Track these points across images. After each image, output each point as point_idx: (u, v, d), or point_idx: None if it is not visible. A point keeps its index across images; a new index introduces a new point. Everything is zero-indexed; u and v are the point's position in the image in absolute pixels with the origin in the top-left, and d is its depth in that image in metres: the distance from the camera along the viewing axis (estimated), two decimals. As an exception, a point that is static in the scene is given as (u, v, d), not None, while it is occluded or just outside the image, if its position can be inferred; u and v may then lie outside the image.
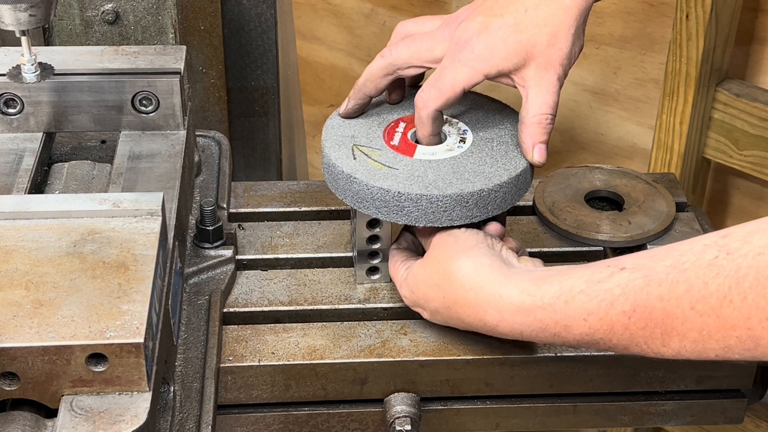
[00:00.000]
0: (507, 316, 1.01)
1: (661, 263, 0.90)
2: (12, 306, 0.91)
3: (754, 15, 1.57)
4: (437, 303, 1.09)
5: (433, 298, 1.09)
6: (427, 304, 1.10)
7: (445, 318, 1.10)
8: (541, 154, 1.13)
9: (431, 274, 1.09)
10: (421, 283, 1.11)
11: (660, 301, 0.89)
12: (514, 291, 1.01)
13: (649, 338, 0.91)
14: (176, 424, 1.02)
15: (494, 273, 1.04)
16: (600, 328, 0.94)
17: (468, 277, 1.05)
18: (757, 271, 0.82)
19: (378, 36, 2.03)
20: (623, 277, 0.92)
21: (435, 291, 1.09)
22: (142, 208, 1.01)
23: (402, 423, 1.15)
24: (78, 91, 1.20)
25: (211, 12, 1.60)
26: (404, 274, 1.14)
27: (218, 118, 1.69)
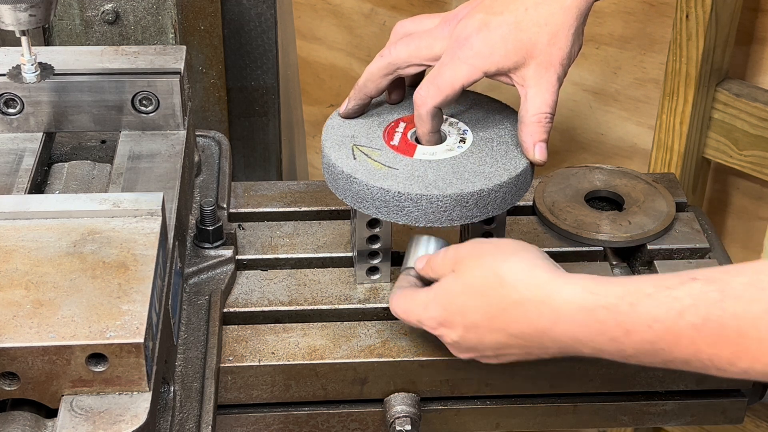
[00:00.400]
0: (565, 317, 0.95)
1: (736, 279, 0.86)
2: (12, 306, 0.91)
3: (754, 15, 1.57)
4: (478, 315, 1.00)
5: (473, 310, 1.01)
6: (464, 318, 1.01)
7: (482, 334, 1.01)
8: (542, 152, 1.13)
9: (473, 284, 1.01)
10: (459, 296, 1.02)
11: (734, 319, 0.84)
12: (576, 289, 0.95)
13: (715, 356, 0.87)
14: (176, 424, 1.02)
15: (550, 272, 0.99)
16: (664, 338, 0.89)
17: (521, 278, 0.99)
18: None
19: (378, 36, 2.03)
20: (695, 288, 0.87)
21: (477, 300, 1.00)
22: (142, 208, 1.01)
23: (402, 423, 1.15)
24: (78, 91, 1.20)
25: (211, 12, 1.60)
26: (430, 295, 1.05)
27: (218, 118, 1.69)
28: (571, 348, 0.96)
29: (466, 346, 1.03)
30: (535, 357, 1.00)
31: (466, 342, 1.03)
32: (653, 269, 1.26)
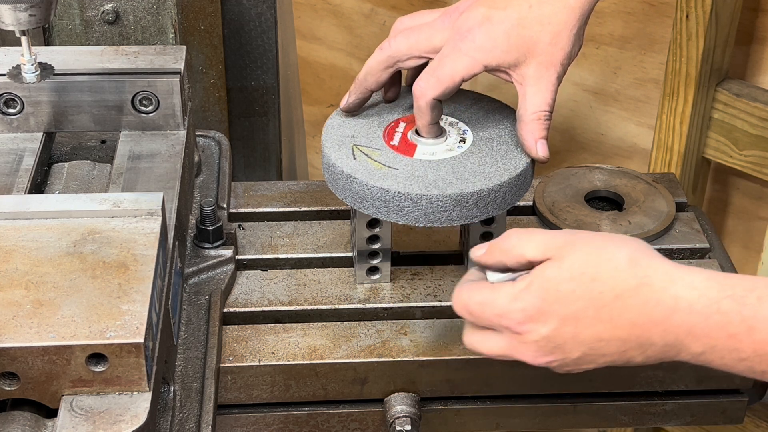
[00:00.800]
0: (684, 305, 0.88)
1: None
2: (12, 306, 0.91)
3: (754, 15, 1.57)
4: (582, 303, 0.91)
5: (578, 298, 0.91)
6: (564, 308, 0.92)
7: (580, 328, 0.92)
8: (545, 149, 1.13)
9: (584, 269, 0.92)
10: (563, 282, 0.92)
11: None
12: (699, 277, 0.88)
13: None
14: (176, 424, 1.02)
15: (668, 262, 0.91)
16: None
17: (645, 261, 0.91)
18: None
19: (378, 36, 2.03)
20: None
21: (587, 286, 0.91)
22: (142, 208, 1.01)
23: (402, 423, 1.15)
24: (78, 91, 1.20)
25: (211, 12, 1.60)
26: (521, 284, 0.94)
27: (218, 118, 1.69)
28: (678, 345, 0.89)
29: (553, 344, 0.93)
30: (624, 361, 0.93)
31: (556, 338, 0.93)
32: (653, 269, 1.25)
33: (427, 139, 1.16)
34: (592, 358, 0.93)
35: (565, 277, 0.92)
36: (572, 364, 0.95)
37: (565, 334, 0.92)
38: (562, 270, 0.92)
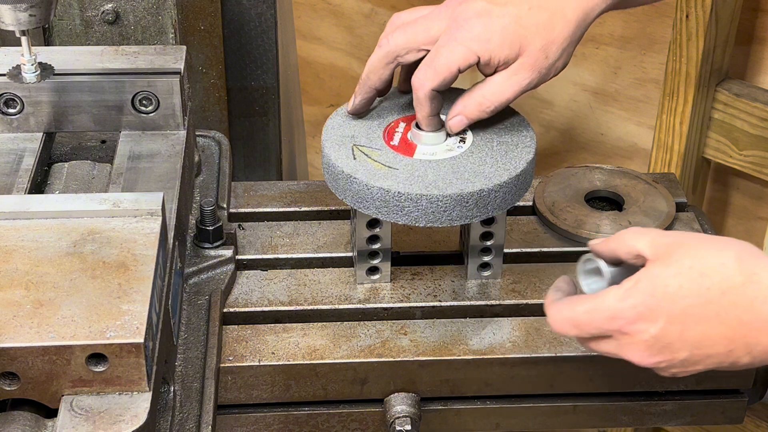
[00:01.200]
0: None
1: None
2: (12, 306, 0.91)
3: (754, 15, 1.57)
4: (690, 300, 0.91)
5: (687, 294, 0.91)
6: (672, 304, 0.92)
7: (687, 326, 0.92)
8: (457, 126, 1.14)
9: (691, 265, 0.91)
10: (671, 278, 0.91)
11: None
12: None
13: None
14: (176, 424, 1.02)
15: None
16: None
17: (752, 260, 0.90)
18: None
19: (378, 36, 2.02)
20: None
21: (695, 282, 0.91)
22: (142, 208, 1.01)
23: (402, 423, 1.15)
24: (78, 91, 1.20)
25: (211, 12, 1.60)
26: (628, 283, 0.93)
27: (218, 118, 1.69)
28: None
29: (662, 344, 0.93)
30: (731, 362, 0.92)
31: (664, 338, 0.93)
32: (653, 269, 1.25)
33: (427, 133, 1.15)
34: (698, 359, 0.93)
35: (673, 272, 0.91)
36: (679, 365, 0.95)
37: (672, 333, 0.92)
38: (669, 267, 0.92)
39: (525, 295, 1.22)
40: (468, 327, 1.19)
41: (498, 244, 1.21)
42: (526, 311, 1.21)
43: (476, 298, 1.21)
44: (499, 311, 1.21)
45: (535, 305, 1.21)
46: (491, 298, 1.21)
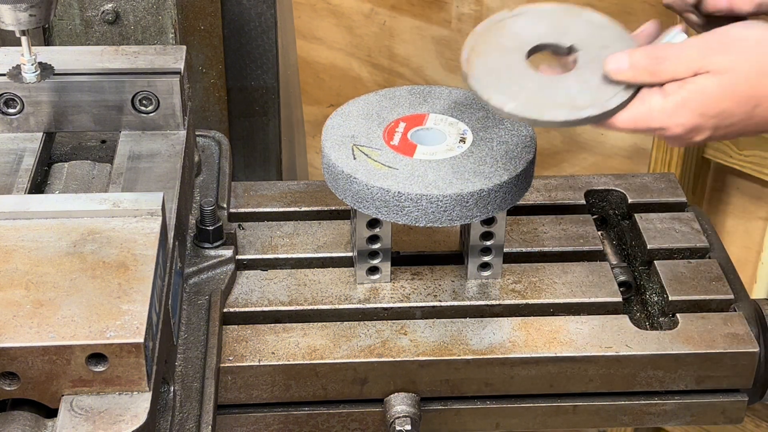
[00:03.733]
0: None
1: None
2: (12, 306, 0.91)
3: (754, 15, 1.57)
4: (737, 118, 0.96)
5: (736, 115, 0.96)
6: (722, 121, 0.97)
7: (734, 131, 0.98)
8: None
9: (748, 93, 0.95)
10: (724, 101, 0.96)
11: None
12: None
13: None
14: (176, 424, 1.02)
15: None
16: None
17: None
18: None
19: (378, 36, 2.03)
20: None
21: (747, 110, 0.96)
22: (142, 208, 1.01)
23: (402, 423, 1.15)
24: (78, 91, 1.20)
25: (211, 12, 1.60)
26: (676, 98, 0.97)
27: (218, 118, 1.69)
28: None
29: (699, 140, 1.00)
30: None
31: (704, 139, 0.99)
32: (653, 269, 1.26)
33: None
34: (738, 125, 0.98)
35: (727, 95, 0.96)
36: (720, 131, 0.99)
37: (717, 135, 0.98)
38: (724, 87, 0.96)
39: (525, 295, 1.22)
40: (468, 327, 1.19)
41: (498, 244, 1.21)
42: (526, 311, 1.21)
43: (476, 298, 1.21)
44: (499, 311, 1.21)
45: (535, 305, 1.21)
46: (491, 298, 1.21)
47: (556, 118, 1.01)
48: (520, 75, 1.05)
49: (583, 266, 1.26)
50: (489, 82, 1.04)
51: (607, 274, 1.25)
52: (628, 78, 1.00)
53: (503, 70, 1.05)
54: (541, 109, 1.01)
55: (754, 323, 1.20)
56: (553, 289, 1.22)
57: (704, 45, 0.97)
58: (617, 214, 1.36)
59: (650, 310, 1.24)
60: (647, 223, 1.31)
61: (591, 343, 1.17)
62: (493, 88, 1.03)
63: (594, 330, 1.18)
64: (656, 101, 0.98)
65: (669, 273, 1.24)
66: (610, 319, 1.20)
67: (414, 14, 2.02)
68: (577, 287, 1.23)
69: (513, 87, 1.03)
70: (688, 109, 0.97)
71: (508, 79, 1.04)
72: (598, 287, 1.23)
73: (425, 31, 2.03)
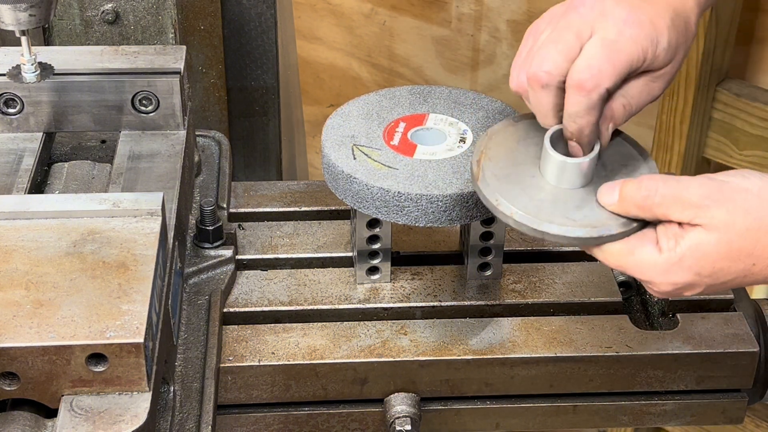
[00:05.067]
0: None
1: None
2: (12, 306, 0.91)
3: (754, 15, 1.57)
4: (732, 276, 0.93)
5: (732, 272, 0.92)
6: (715, 280, 0.93)
7: (725, 284, 0.94)
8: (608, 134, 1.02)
9: (740, 246, 0.91)
10: (719, 261, 0.92)
11: None
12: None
13: None
14: (176, 424, 1.02)
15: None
16: None
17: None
18: None
19: (378, 36, 2.03)
20: None
21: (742, 263, 0.92)
22: (142, 208, 1.01)
23: (402, 423, 1.15)
24: (78, 91, 1.20)
25: (211, 12, 1.60)
26: (672, 257, 0.93)
27: (218, 118, 1.69)
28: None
29: (690, 294, 0.96)
30: None
31: (695, 293, 0.96)
32: (653, 269, 1.25)
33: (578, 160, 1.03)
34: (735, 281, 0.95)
35: (723, 254, 0.91)
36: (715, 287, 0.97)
37: (704, 292, 0.95)
38: (720, 246, 0.92)
39: (525, 295, 1.22)
40: (468, 327, 1.19)
41: (498, 244, 1.21)
42: (526, 311, 1.21)
43: (476, 298, 1.21)
44: (499, 311, 1.21)
45: (535, 305, 1.21)
46: (491, 298, 1.21)
47: (550, 230, 0.99)
48: (529, 185, 1.03)
49: (583, 266, 1.26)
50: (497, 186, 1.03)
51: (607, 274, 1.25)
52: (618, 210, 0.97)
53: (513, 176, 1.04)
54: (540, 221, 1.00)
55: (754, 323, 1.20)
56: (553, 289, 1.22)
57: (703, 193, 0.93)
58: (617, 214, 1.36)
59: (650, 310, 1.24)
60: (647, 223, 1.31)
61: (591, 343, 1.17)
62: (500, 193, 1.02)
63: (594, 330, 1.18)
64: (648, 254, 0.95)
65: (669, 273, 1.24)
66: (610, 319, 1.20)
67: (414, 14, 2.02)
68: (577, 287, 1.23)
69: (521, 196, 1.02)
70: (683, 267, 0.93)
71: (517, 185, 1.03)
72: (598, 287, 1.23)
73: (425, 31, 2.03)
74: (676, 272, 0.93)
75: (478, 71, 1.98)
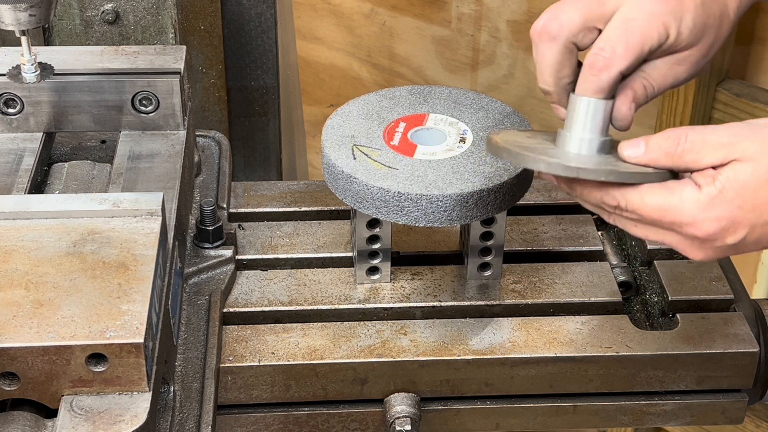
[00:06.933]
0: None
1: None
2: (12, 306, 0.91)
3: (754, 15, 1.57)
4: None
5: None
6: (759, 217, 0.88)
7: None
8: (630, 113, 0.99)
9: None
10: (761, 189, 0.88)
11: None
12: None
13: None
14: (176, 424, 1.02)
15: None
16: None
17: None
18: None
19: (378, 36, 2.03)
20: None
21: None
22: (142, 208, 1.01)
23: (402, 423, 1.15)
24: (78, 91, 1.20)
25: (211, 12, 1.60)
26: (711, 190, 0.89)
27: (218, 118, 1.69)
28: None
29: (734, 250, 0.91)
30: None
31: (739, 245, 0.90)
32: (653, 269, 1.26)
33: None
34: (758, 249, 0.91)
35: (762, 182, 0.87)
36: (734, 254, 0.92)
37: (749, 241, 0.89)
38: (758, 173, 0.87)
39: (525, 295, 1.22)
40: (468, 327, 1.19)
41: (498, 244, 1.21)
42: (526, 311, 1.21)
43: (476, 298, 1.21)
44: (499, 311, 1.21)
45: (535, 305, 1.21)
46: (491, 298, 1.22)
47: (587, 166, 0.95)
48: (551, 153, 1.00)
49: (583, 266, 1.26)
50: (521, 149, 1.00)
51: (607, 274, 1.25)
52: (646, 161, 0.93)
53: (531, 148, 1.01)
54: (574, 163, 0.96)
55: (754, 323, 1.20)
56: (553, 289, 1.22)
57: (731, 132, 0.90)
58: (617, 214, 1.36)
59: (650, 310, 1.24)
60: (647, 223, 1.31)
61: (591, 343, 1.17)
62: (526, 151, 0.99)
63: (594, 330, 1.18)
64: (689, 192, 0.90)
65: (669, 273, 1.24)
66: (610, 319, 1.20)
67: (414, 14, 2.02)
68: (577, 287, 1.23)
69: (545, 154, 0.99)
70: (725, 200, 0.88)
71: (539, 153, 1.00)
72: (598, 287, 1.23)
73: (425, 31, 2.03)
74: (718, 206, 0.88)
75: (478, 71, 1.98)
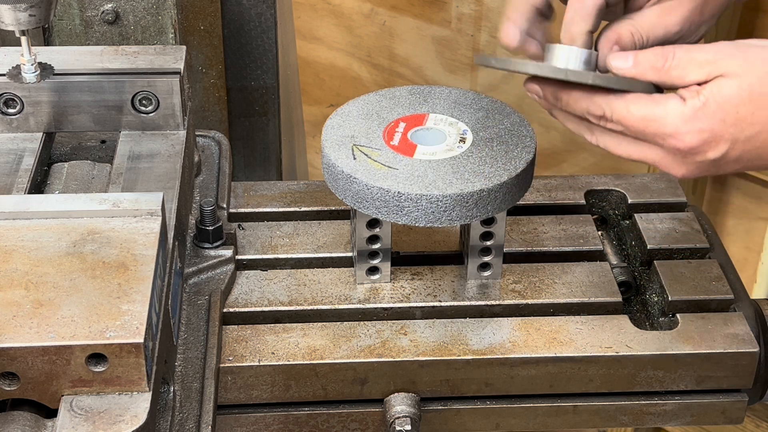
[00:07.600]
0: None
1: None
2: (12, 306, 0.91)
3: (755, 15, 1.57)
4: (758, 127, 0.89)
5: (757, 121, 0.89)
6: (741, 132, 0.89)
7: (753, 149, 0.90)
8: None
9: (765, 90, 0.89)
10: (743, 105, 0.89)
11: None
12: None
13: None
14: (176, 424, 1.02)
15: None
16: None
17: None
18: None
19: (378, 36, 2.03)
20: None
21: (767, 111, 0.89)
22: (142, 208, 1.01)
23: (402, 423, 1.15)
24: (78, 91, 1.20)
25: (211, 12, 1.60)
26: (695, 102, 0.90)
27: (218, 118, 1.69)
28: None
29: (715, 166, 0.91)
30: None
31: (720, 161, 0.91)
32: (653, 269, 1.26)
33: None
34: (737, 169, 0.92)
35: (745, 98, 0.88)
36: (714, 173, 0.93)
37: (730, 157, 0.90)
38: (741, 89, 0.88)
39: (525, 295, 1.22)
40: (468, 327, 1.19)
41: (498, 244, 1.21)
42: (526, 311, 1.21)
43: (476, 298, 1.21)
44: (499, 311, 1.21)
45: (535, 305, 1.21)
46: (491, 298, 1.22)
47: (576, 68, 0.96)
48: None
49: (583, 266, 1.26)
50: None
51: (607, 274, 1.25)
52: (633, 74, 0.94)
53: None
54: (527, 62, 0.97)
55: (754, 323, 1.20)
56: (553, 289, 1.22)
57: (717, 49, 0.91)
58: (617, 214, 1.36)
59: (650, 310, 1.24)
60: (647, 223, 1.31)
61: (591, 343, 1.17)
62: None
63: (594, 330, 1.18)
64: (674, 104, 0.91)
65: (669, 273, 1.24)
66: (610, 319, 1.20)
67: (414, 14, 2.02)
68: (577, 287, 1.23)
69: None
70: (708, 113, 0.89)
71: None
72: (598, 287, 1.23)
73: (425, 31, 2.03)
74: (701, 118, 0.89)
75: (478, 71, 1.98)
